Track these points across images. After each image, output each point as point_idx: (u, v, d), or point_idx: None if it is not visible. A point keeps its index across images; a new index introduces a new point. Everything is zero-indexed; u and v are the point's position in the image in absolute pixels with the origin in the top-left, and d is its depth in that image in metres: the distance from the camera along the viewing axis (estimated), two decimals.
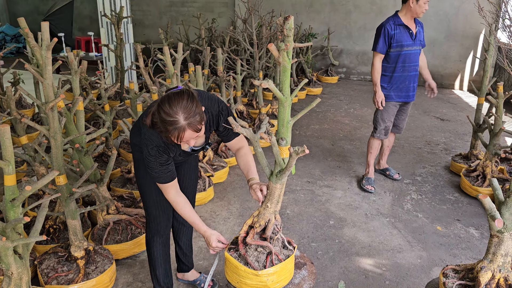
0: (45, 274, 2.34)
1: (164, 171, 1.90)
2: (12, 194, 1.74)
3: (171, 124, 1.67)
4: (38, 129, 2.12)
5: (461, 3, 7.48)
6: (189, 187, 2.33)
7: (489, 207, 1.90)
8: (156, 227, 2.21)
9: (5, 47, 10.67)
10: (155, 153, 1.85)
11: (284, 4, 8.73)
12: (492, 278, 1.98)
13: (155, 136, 1.84)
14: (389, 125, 3.75)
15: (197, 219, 2.00)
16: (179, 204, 1.98)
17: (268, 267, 2.21)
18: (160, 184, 1.94)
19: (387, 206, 3.53)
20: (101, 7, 6.29)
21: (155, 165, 1.88)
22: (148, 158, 1.88)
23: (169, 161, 1.91)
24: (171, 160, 1.92)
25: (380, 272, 2.69)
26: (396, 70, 3.56)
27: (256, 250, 2.28)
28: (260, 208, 2.24)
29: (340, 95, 7.38)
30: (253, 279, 2.20)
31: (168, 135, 1.72)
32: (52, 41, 1.98)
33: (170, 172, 1.92)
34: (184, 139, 1.73)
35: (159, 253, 2.26)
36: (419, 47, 3.59)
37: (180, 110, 1.67)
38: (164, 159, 1.88)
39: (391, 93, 3.63)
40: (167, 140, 1.78)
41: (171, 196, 1.97)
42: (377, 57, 3.57)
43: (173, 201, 1.98)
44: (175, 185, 1.97)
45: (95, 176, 2.77)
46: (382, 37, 3.50)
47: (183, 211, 1.99)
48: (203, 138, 2.06)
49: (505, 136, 5.10)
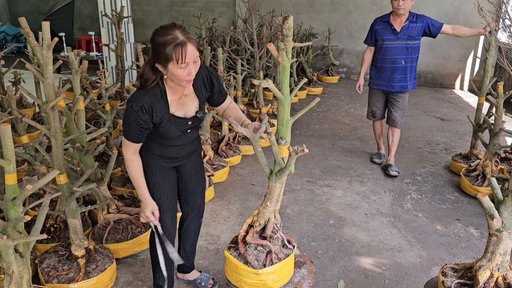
0: (45, 273, 2.35)
1: (137, 131, 1.86)
2: (13, 193, 1.75)
3: (170, 41, 1.69)
4: (39, 128, 2.13)
5: (461, 3, 7.48)
6: (197, 188, 2.29)
7: (488, 206, 1.90)
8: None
9: (6, 46, 10.69)
10: (138, 109, 1.82)
11: (284, 4, 8.74)
12: (491, 277, 1.99)
13: (144, 94, 1.84)
14: (374, 109, 4.28)
15: (143, 184, 1.98)
16: (132, 164, 1.94)
17: (268, 265, 2.22)
18: (125, 139, 1.91)
19: (387, 205, 3.54)
20: (102, 7, 6.30)
21: (132, 122, 1.84)
22: (128, 113, 1.84)
23: (147, 126, 1.87)
24: (149, 127, 1.88)
25: (380, 271, 2.69)
26: (378, 60, 4.08)
27: (256, 249, 2.29)
28: (260, 207, 2.25)
29: (341, 95, 7.38)
30: (252, 278, 2.21)
31: (171, 57, 1.71)
32: (52, 41, 1.99)
33: (141, 136, 1.90)
34: (187, 57, 1.72)
35: None
36: (406, 41, 3.90)
37: (175, 29, 1.73)
38: (143, 120, 1.84)
39: (375, 81, 4.16)
40: (168, 71, 1.77)
41: (128, 154, 1.94)
42: (366, 49, 4.22)
43: (128, 159, 1.94)
44: (137, 148, 1.94)
45: (95, 175, 2.77)
46: (369, 32, 4.11)
47: (133, 171, 1.95)
48: (196, 103, 2.01)
49: (505, 135, 5.10)
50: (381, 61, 4.03)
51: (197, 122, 2.06)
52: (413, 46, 3.91)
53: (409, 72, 3.98)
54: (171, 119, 1.93)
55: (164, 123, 1.91)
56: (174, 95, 1.93)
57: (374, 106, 4.27)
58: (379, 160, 4.42)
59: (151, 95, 1.86)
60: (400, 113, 4.11)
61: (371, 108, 4.31)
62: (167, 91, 1.90)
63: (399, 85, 4.02)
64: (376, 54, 4.10)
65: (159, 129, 1.93)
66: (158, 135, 1.98)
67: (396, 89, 4.04)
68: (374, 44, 4.09)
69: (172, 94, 1.92)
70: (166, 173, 2.12)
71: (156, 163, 2.08)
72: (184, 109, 1.98)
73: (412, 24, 3.85)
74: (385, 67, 4.02)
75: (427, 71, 8.12)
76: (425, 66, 8.02)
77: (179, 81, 1.82)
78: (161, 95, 1.89)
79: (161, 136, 1.99)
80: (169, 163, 2.11)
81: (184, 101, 1.97)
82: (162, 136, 1.99)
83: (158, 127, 1.92)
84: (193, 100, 2.00)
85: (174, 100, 1.93)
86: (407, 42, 3.89)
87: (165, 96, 1.90)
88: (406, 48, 3.91)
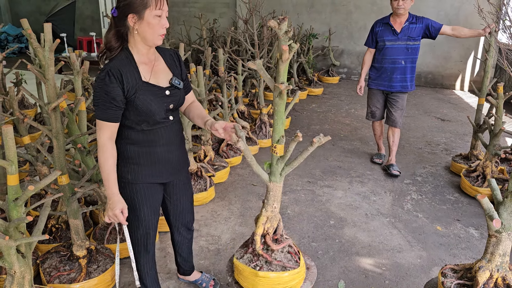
0: (47, 273, 2.36)
1: (108, 104, 1.71)
2: (15, 193, 1.76)
3: None
4: (41, 129, 2.14)
5: (461, 4, 7.49)
6: (186, 206, 2.21)
7: (487, 207, 1.91)
8: (144, 244, 2.06)
9: (7, 47, 10.71)
10: (104, 76, 1.69)
11: (285, 5, 8.75)
12: (490, 278, 2.00)
13: (109, 62, 1.74)
14: (374, 110, 4.30)
15: (113, 177, 1.78)
16: (105, 150, 1.76)
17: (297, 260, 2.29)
18: (98, 120, 1.75)
19: (387, 206, 3.55)
20: (103, 8, 6.33)
21: (101, 92, 1.70)
22: (96, 85, 1.71)
23: (118, 97, 1.72)
24: (121, 98, 1.73)
25: (380, 271, 2.70)
26: (378, 61, 4.11)
27: (283, 252, 2.32)
28: (266, 212, 2.25)
29: (341, 96, 7.39)
30: (296, 278, 2.28)
31: (149, 2, 1.67)
32: (54, 42, 2.00)
33: (114, 112, 1.74)
34: (163, 5, 1.70)
35: (147, 267, 2.15)
36: (406, 42, 3.93)
37: None
38: (113, 89, 1.69)
39: (375, 81, 4.19)
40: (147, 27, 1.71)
41: (102, 139, 1.76)
42: (366, 51, 4.23)
43: (101, 144, 1.75)
44: (112, 131, 1.78)
45: (97, 176, 2.78)
46: (369, 34, 4.14)
47: (104, 160, 1.76)
48: (170, 75, 1.88)
49: (505, 136, 5.11)
50: (381, 62, 4.06)
51: (176, 95, 1.89)
52: (413, 47, 3.93)
53: (409, 72, 4.01)
54: (146, 88, 1.78)
55: (139, 94, 1.76)
56: (143, 62, 1.81)
57: (373, 106, 4.30)
58: (380, 160, 4.43)
59: (117, 60, 1.74)
60: (400, 113, 4.14)
61: (371, 109, 4.33)
62: (134, 57, 1.78)
63: (400, 85, 4.05)
64: (376, 55, 4.13)
65: (136, 103, 1.75)
66: (138, 115, 1.79)
67: (396, 89, 4.07)
68: (375, 46, 4.12)
69: (141, 60, 1.80)
70: (154, 190, 1.98)
71: (143, 179, 1.92)
72: (158, 77, 1.84)
73: (412, 25, 3.88)
74: (385, 67, 4.05)
75: (428, 72, 8.13)
76: (426, 66, 8.03)
77: (153, 34, 1.73)
78: (129, 61, 1.76)
79: (141, 117, 1.80)
80: (157, 176, 1.95)
81: (156, 70, 1.85)
82: (143, 116, 1.80)
83: (134, 101, 1.75)
84: (165, 70, 1.89)
85: (145, 68, 1.80)
86: (407, 42, 3.92)
87: (133, 61, 1.77)
88: (406, 49, 3.94)
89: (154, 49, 1.86)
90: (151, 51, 1.83)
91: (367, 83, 4.31)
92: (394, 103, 4.13)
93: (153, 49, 1.85)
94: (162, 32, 1.75)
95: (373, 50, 4.15)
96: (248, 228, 3.16)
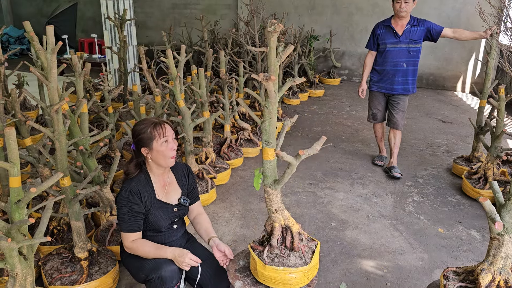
0: (49, 275, 2.36)
1: (131, 217, 1.98)
2: (17, 195, 1.76)
3: (149, 124, 1.98)
4: (43, 131, 2.14)
5: (463, 5, 7.49)
6: None
7: (489, 209, 1.91)
8: None
9: (9, 49, 10.73)
10: (127, 195, 1.97)
11: (286, 7, 8.76)
12: (492, 281, 1.99)
13: (130, 181, 2.02)
14: (375, 112, 4.32)
15: (158, 249, 1.99)
16: (138, 247, 2.00)
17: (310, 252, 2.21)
18: (123, 233, 2.00)
19: (388, 208, 3.54)
20: (105, 10, 6.33)
21: (125, 208, 1.97)
22: (119, 203, 1.98)
23: (139, 210, 1.99)
24: (142, 213, 2.00)
25: (381, 274, 2.70)
26: (379, 63, 4.10)
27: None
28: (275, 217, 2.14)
29: (342, 97, 7.39)
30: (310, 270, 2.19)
31: (153, 135, 1.97)
32: (57, 45, 2.00)
33: (137, 223, 2.00)
34: (167, 131, 2.00)
35: None
36: (407, 44, 3.93)
37: (148, 118, 2.05)
38: (135, 203, 1.97)
39: (376, 84, 4.19)
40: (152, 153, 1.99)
41: (129, 243, 2.01)
42: (368, 53, 4.22)
43: (130, 247, 2.00)
44: (138, 236, 2.03)
45: (98, 178, 2.79)
46: (371, 36, 4.14)
47: (143, 251, 1.99)
48: (179, 192, 2.18)
49: (507, 138, 5.10)
50: (383, 64, 4.07)
51: (182, 210, 2.17)
52: (414, 50, 3.94)
53: (411, 75, 4.02)
54: (158, 205, 2.07)
55: (152, 210, 2.04)
56: (158, 182, 2.11)
57: (375, 108, 4.31)
58: (381, 162, 4.44)
59: (136, 180, 2.04)
60: (401, 115, 4.14)
61: (372, 111, 4.35)
62: (151, 178, 2.09)
63: (402, 88, 4.05)
64: (378, 58, 4.13)
65: (148, 217, 2.04)
66: (146, 226, 2.07)
67: (398, 92, 4.07)
68: (376, 48, 4.12)
69: (156, 181, 2.10)
70: None
71: None
72: (169, 196, 2.14)
73: (414, 28, 3.89)
74: (386, 70, 4.05)
75: (429, 73, 8.13)
76: (427, 68, 8.02)
77: (165, 158, 2.01)
78: (146, 181, 2.07)
79: (149, 227, 2.08)
80: None
81: (168, 190, 2.14)
82: (150, 227, 2.07)
83: (147, 215, 2.04)
84: (177, 189, 2.18)
85: (159, 187, 2.10)
86: (408, 45, 3.92)
87: (150, 182, 2.08)
88: (408, 51, 3.94)
89: (168, 168, 2.16)
90: (166, 171, 2.14)
91: (368, 86, 4.31)
92: (396, 105, 4.13)
93: (168, 168, 2.15)
94: (172, 154, 2.03)
95: (375, 53, 4.16)
96: (250, 230, 3.16)
